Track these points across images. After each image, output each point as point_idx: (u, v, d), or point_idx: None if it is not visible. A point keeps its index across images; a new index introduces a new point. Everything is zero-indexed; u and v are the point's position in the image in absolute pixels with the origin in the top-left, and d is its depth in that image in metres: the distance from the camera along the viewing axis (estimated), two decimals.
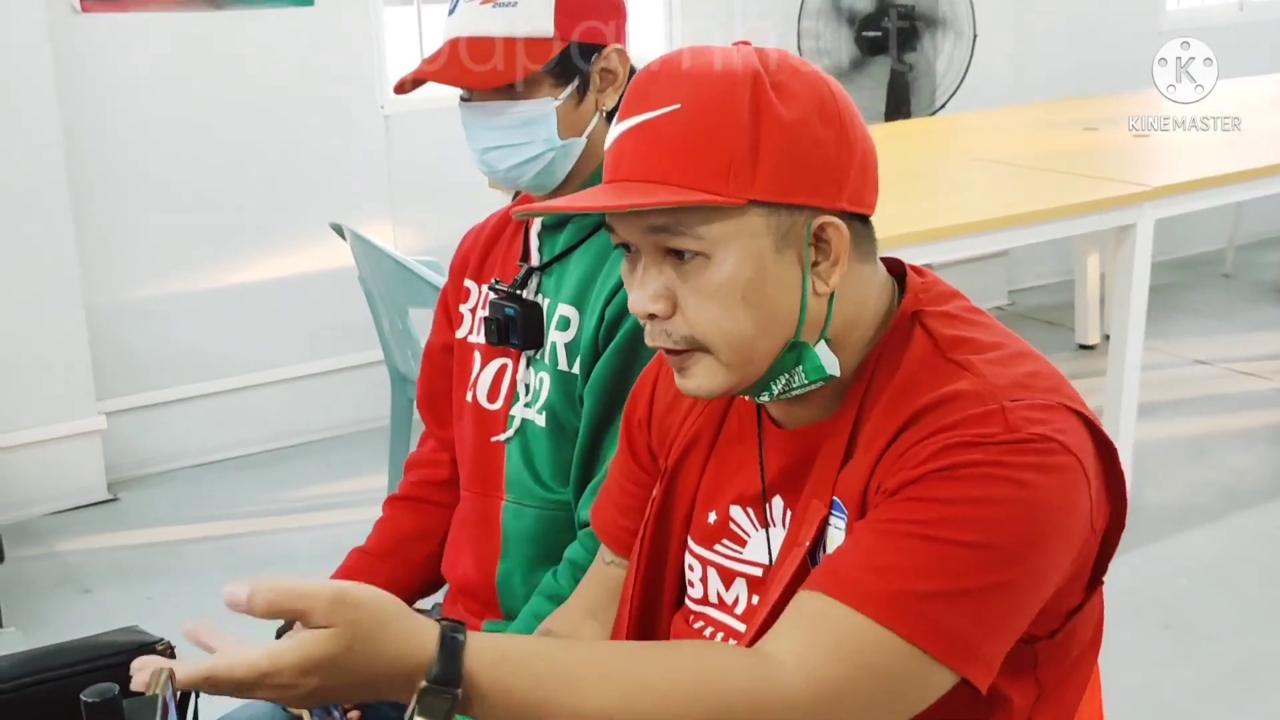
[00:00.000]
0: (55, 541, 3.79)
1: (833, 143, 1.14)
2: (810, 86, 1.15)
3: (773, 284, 1.14)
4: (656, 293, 1.16)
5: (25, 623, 3.23)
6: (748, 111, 1.11)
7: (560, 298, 1.71)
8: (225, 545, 3.79)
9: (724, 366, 1.16)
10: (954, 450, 1.08)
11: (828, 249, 1.15)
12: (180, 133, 4.09)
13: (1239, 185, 3.94)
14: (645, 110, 1.14)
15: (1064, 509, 1.10)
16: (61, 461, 3.97)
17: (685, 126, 1.12)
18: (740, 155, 1.11)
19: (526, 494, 1.75)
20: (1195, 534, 3.71)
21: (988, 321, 1.23)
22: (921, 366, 1.16)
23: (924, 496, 1.08)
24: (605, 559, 1.47)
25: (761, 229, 1.12)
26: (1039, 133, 4.67)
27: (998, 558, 1.07)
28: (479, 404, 1.80)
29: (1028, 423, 1.09)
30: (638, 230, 1.15)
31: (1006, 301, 5.79)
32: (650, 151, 1.13)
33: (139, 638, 1.52)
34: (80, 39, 3.90)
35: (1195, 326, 5.47)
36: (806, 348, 1.17)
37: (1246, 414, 4.57)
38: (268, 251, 4.31)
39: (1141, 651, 3.06)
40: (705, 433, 1.34)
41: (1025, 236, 3.69)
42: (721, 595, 1.33)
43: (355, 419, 4.41)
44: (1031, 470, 1.08)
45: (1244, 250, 6.33)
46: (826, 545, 1.18)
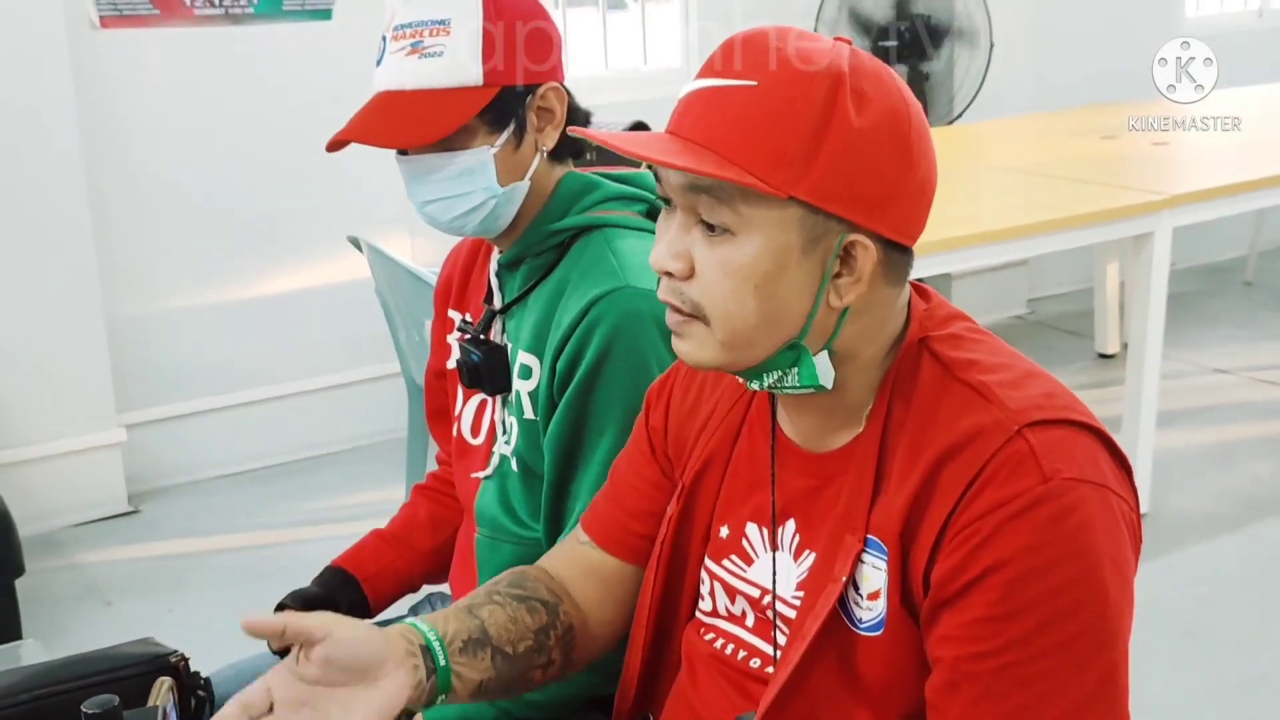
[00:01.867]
0: (76, 553, 3.81)
1: (892, 164, 1.13)
2: (890, 103, 1.13)
3: (788, 283, 1.13)
4: (678, 252, 1.16)
5: (46, 634, 3.24)
6: (819, 109, 1.10)
7: (520, 344, 1.68)
8: (245, 557, 3.79)
9: (718, 343, 1.16)
10: (1003, 536, 1.09)
11: (853, 265, 1.14)
12: (198, 147, 4.11)
13: (1257, 193, 3.93)
14: (725, 76, 1.13)
15: (1119, 552, 1.11)
16: (82, 474, 3.99)
17: (755, 105, 1.11)
18: (797, 150, 1.09)
19: (500, 530, 1.73)
20: (1217, 543, 3.69)
21: (993, 341, 1.23)
22: (936, 392, 1.17)
23: (1000, 614, 1.09)
24: (580, 539, 1.47)
25: (795, 226, 1.12)
26: (1057, 141, 4.66)
27: (1098, 626, 1.09)
28: (463, 437, 1.80)
29: (1058, 466, 1.10)
30: (679, 187, 1.15)
31: (1026, 310, 5.77)
32: (715, 118, 1.12)
33: (154, 650, 1.53)
34: (100, 55, 3.92)
35: (1216, 334, 5.45)
36: (805, 353, 1.16)
37: (1268, 422, 4.55)
38: (285, 264, 4.33)
39: (1163, 660, 3.04)
40: (721, 450, 1.34)
41: (1044, 245, 3.69)
42: (729, 609, 1.33)
43: (373, 430, 4.42)
44: (1081, 533, 1.09)
45: (1265, 257, 6.30)
46: (859, 583, 1.18)
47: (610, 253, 1.61)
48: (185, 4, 3.99)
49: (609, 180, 1.70)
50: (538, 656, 1.36)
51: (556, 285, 1.64)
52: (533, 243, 1.66)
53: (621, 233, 1.64)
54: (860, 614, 1.19)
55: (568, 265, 1.64)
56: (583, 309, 1.56)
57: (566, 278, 1.63)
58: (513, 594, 1.37)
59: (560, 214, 1.66)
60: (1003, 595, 1.09)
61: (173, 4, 3.97)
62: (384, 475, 4.13)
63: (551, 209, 1.66)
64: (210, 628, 3.33)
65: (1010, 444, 1.11)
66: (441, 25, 1.57)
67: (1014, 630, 1.09)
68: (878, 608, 1.18)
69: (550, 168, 1.67)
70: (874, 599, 1.18)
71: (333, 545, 3.78)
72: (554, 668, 1.38)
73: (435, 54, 1.56)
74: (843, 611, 1.19)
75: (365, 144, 1.58)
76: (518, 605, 1.36)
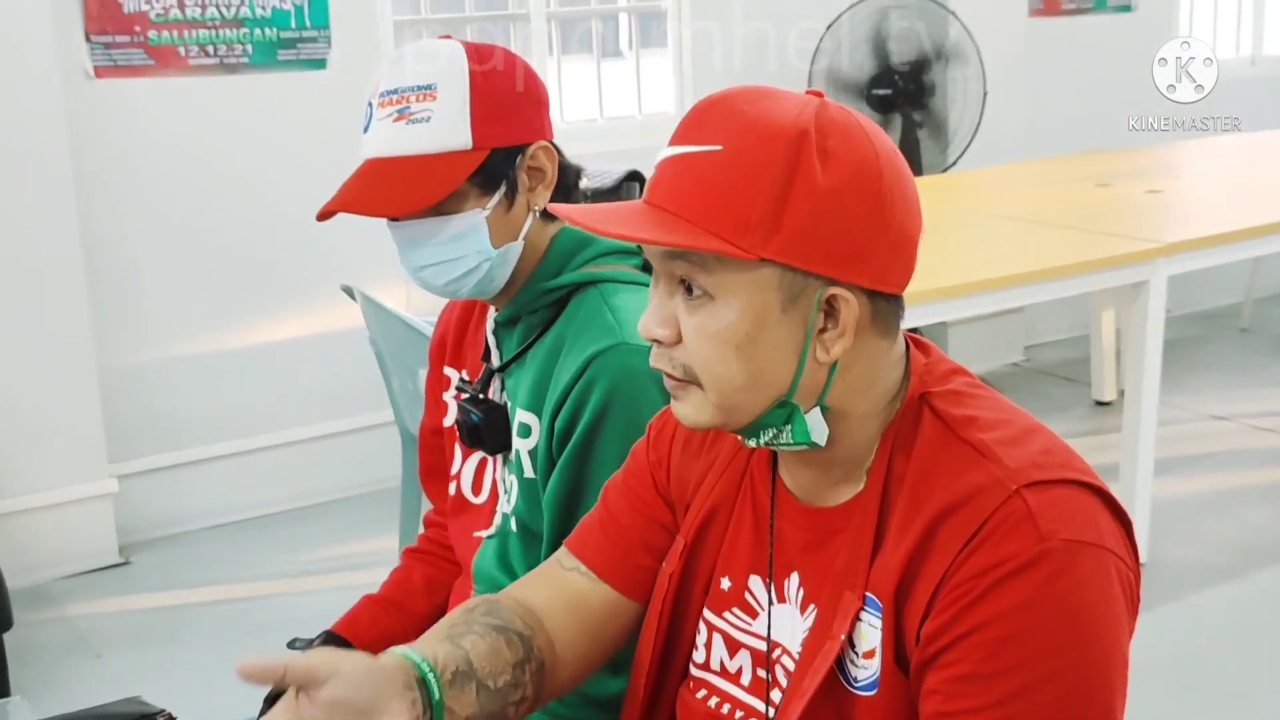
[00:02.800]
0: (66, 605, 3.78)
1: (863, 218, 1.11)
2: (858, 157, 1.12)
3: (770, 342, 1.13)
4: (664, 319, 1.17)
5: (35, 689, 3.21)
6: (782, 170, 1.09)
7: (519, 402, 1.66)
8: (238, 608, 3.76)
9: (712, 406, 1.17)
10: (996, 595, 1.08)
11: (836, 318, 1.13)
12: (193, 196, 4.11)
13: (1252, 241, 3.93)
14: (693, 141, 1.14)
15: (1113, 614, 1.11)
16: (73, 525, 3.96)
17: (720, 170, 1.11)
18: (763, 212, 1.09)
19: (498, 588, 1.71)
20: (1215, 591, 3.67)
21: (993, 397, 1.22)
22: (936, 448, 1.16)
23: (986, 671, 1.08)
24: (566, 564, 1.42)
25: (772, 286, 1.11)
26: (1052, 189, 4.67)
27: (1085, 692, 1.08)
28: (463, 495, 1.79)
29: (1055, 526, 1.09)
30: (658, 255, 1.16)
31: (1022, 358, 5.77)
32: (683, 185, 1.13)
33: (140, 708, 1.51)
34: (94, 105, 3.93)
35: (1213, 381, 5.44)
36: (796, 411, 1.16)
37: (1266, 470, 4.53)
38: (279, 314, 4.32)
39: (1163, 711, 3.02)
40: (725, 501, 1.33)
41: (1039, 294, 3.69)
42: (725, 663, 1.31)
43: (366, 480, 4.39)
44: (1074, 595, 1.08)
45: (1262, 304, 6.31)
46: (857, 641, 1.17)
47: (606, 309, 1.60)
48: (180, 54, 4.00)
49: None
50: (514, 692, 1.31)
51: (554, 342, 1.63)
52: (529, 301, 1.65)
53: (617, 288, 1.63)
54: (856, 673, 1.17)
55: (564, 322, 1.63)
56: (580, 367, 1.55)
57: (564, 334, 1.62)
58: (490, 624, 1.33)
59: (555, 271, 1.65)
60: (991, 653, 1.08)
61: (168, 54, 3.99)
62: (378, 525, 4.11)
63: (546, 267, 1.65)
64: (201, 681, 3.31)
65: (1008, 503, 1.10)
66: (428, 90, 1.56)
67: (1000, 689, 1.08)
68: (872, 666, 1.16)
69: (543, 226, 1.65)
70: (869, 658, 1.17)
71: (327, 596, 3.78)
72: (526, 704, 1.34)
73: (423, 119, 1.55)
74: (839, 671, 1.18)
75: (356, 214, 1.57)
76: (496, 636, 1.31)
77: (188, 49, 4.01)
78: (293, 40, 4.16)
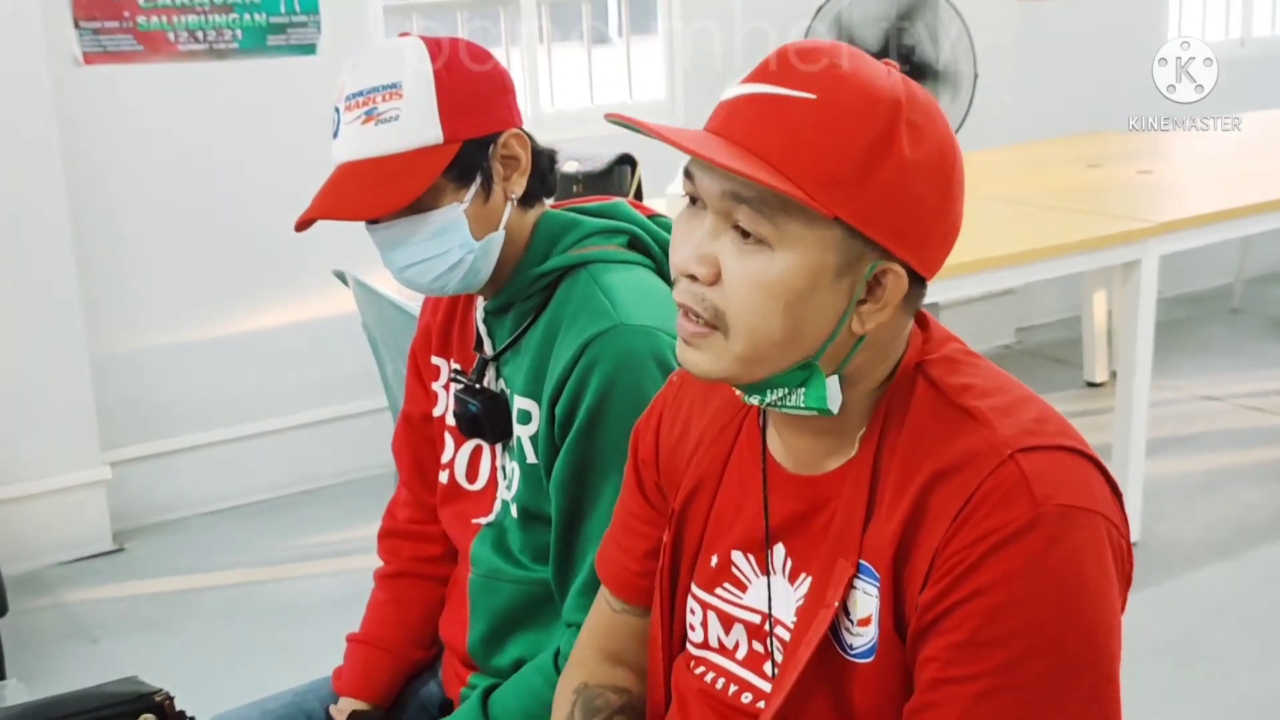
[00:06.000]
0: (61, 592, 3.78)
1: (934, 202, 1.11)
2: (940, 139, 1.12)
3: (817, 304, 1.11)
4: (705, 255, 1.12)
5: (30, 674, 3.20)
6: (877, 134, 1.08)
7: (517, 388, 1.66)
8: (232, 594, 3.77)
9: (733, 356, 1.13)
10: (991, 562, 1.07)
11: (880, 294, 1.12)
12: (183, 183, 4.11)
13: (1244, 220, 3.93)
14: (783, 84, 1.10)
15: (1106, 579, 1.10)
16: (67, 512, 3.96)
17: (812, 119, 1.08)
18: (849, 171, 1.07)
19: (497, 572, 1.71)
20: (1207, 570, 3.68)
21: (986, 366, 1.22)
22: (930, 415, 1.15)
23: (983, 639, 1.08)
24: (615, 607, 1.45)
25: (834, 247, 1.09)
26: (1042, 171, 4.68)
27: (1082, 657, 1.08)
28: (456, 483, 1.78)
29: (1050, 491, 1.08)
30: (717, 190, 1.11)
31: (1014, 339, 5.78)
32: (768, 125, 1.09)
33: (138, 688, 1.51)
34: (84, 92, 3.92)
35: (1204, 362, 5.45)
36: (818, 374, 1.14)
37: (1257, 449, 4.55)
38: (271, 299, 4.32)
39: (1156, 690, 3.03)
40: (710, 474, 1.32)
41: (1031, 274, 3.70)
42: (722, 640, 1.31)
43: (360, 465, 4.40)
44: (1072, 558, 1.08)
45: (1252, 284, 6.32)
46: (851, 609, 1.17)
47: (599, 290, 1.59)
48: (170, 40, 3.99)
49: (586, 215, 1.69)
50: None
51: (548, 327, 1.63)
52: (519, 288, 1.65)
53: (607, 267, 1.63)
54: (851, 640, 1.17)
55: (557, 306, 1.63)
56: (577, 351, 1.55)
57: (557, 318, 1.62)
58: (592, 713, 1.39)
59: (542, 256, 1.64)
60: (987, 620, 1.08)
61: (157, 40, 3.98)
62: (372, 510, 4.07)
63: (533, 253, 1.65)
64: (197, 666, 3.32)
65: (1002, 468, 1.09)
66: (393, 89, 1.55)
67: (997, 656, 1.08)
68: (868, 634, 1.16)
69: (523, 213, 1.65)
70: (864, 625, 1.16)
71: (320, 581, 3.79)
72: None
73: (391, 119, 1.54)
74: (834, 638, 1.18)
75: (334, 219, 1.55)
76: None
77: (177, 34, 4.01)
78: (282, 25, 4.15)
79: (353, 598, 1.90)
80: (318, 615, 3.57)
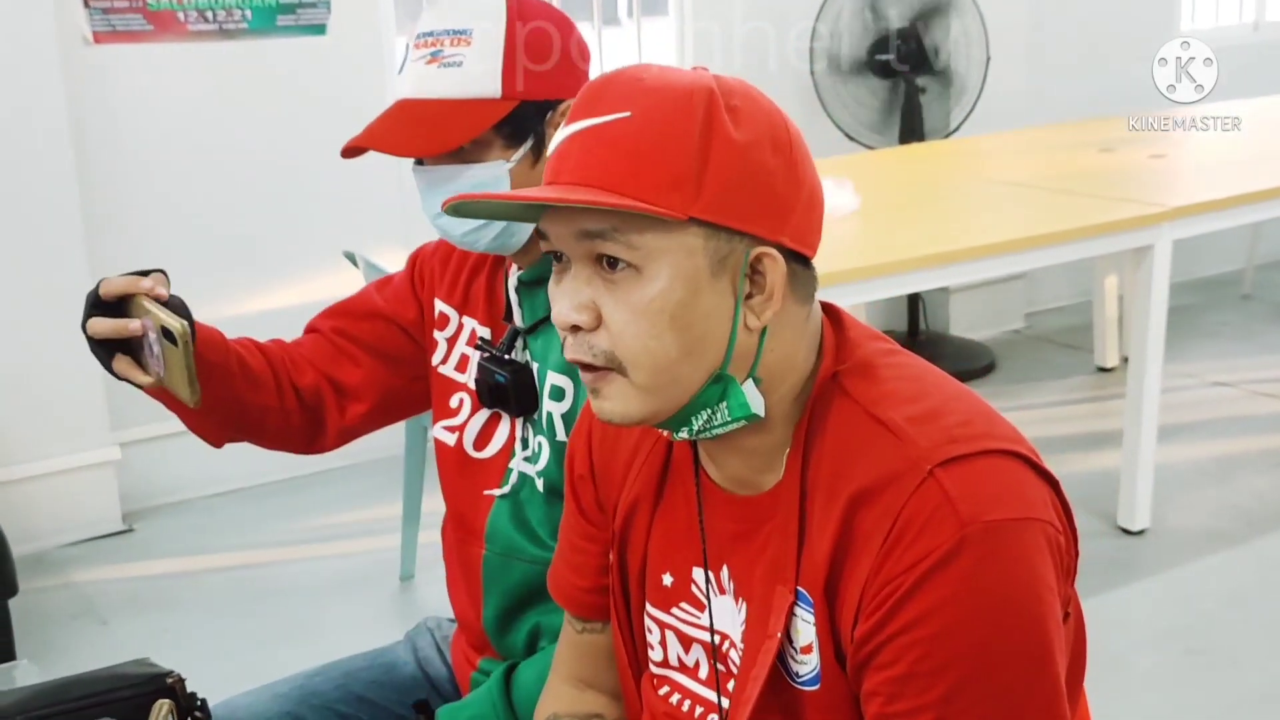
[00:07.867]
0: (71, 573, 3.78)
1: (781, 173, 1.10)
2: (764, 114, 1.11)
3: (703, 309, 1.09)
4: (582, 303, 1.10)
5: (41, 655, 3.22)
6: (699, 127, 1.07)
7: (549, 364, 1.64)
8: (241, 575, 3.78)
9: (639, 391, 1.10)
10: (924, 590, 1.04)
11: (762, 282, 1.10)
12: (193, 162, 4.10)
13: (1257, 205, 3.91)
14: (597, 114, 1.09)
15: (1044, 584, 1.07)
16: (76, 492, 3.97)
17: (634, 134, 1.07)
18: (687, 169, 1.06)
19: (515, 549, 1.69)
20: (1217, 558, 3.67)
21: (911, 365, 1.18)
22: (849, 430, 1.12)
23: (923, 670, 1.05)
24: (577, 628, 1.43)
25: (699, 249, 1.08)
26: (1054, 154, 4.66)
27: (1026, 674, 1.06)
28: (463, 449, 1.75)
29: (974, 509, 1.05)
30: (570, 235, 1.09)
31: (1024, 324, 5.76)
32: (595, 156, 1.08)
33: (150, 670, 1.50)
34: (93, 71, 3.91)
35: (1215, 348, 5.44)
36: (733, 382, 1.12)
37: (1268, 436, 4.54)
38: (281, 280, 4.31)
39: (1165, 678, 3.02)
40: (646, 493, 1.29)
41: (1042, 259, 3.68)
42: (683, 659, 1.29)
43: (369, 447, 4.31)
44: (1004, 577, 1.05)
45: (1263, 270, 6.31)
46: (794, 636, 1.15)
47: None
48: (179, 19, 3.98)
49: None
50: None
51: None
52: None
53: None
54: (797, 668, 1.16)
55: None
56: None
57: None
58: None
59: None
60: (926, 651, 1.05)
61: (166, 19, 3.97)
62: (380, 492, 4.12)
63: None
64: (206, 646, 3.33)
65: (923, 488, 1.06)
66: (462, 35, 1.55)
67: (940, 686, 1.05)
68: (811, 661, 1.14)
69: None
70: (807, 653, 1.15)
71: (328, 563, 3.79)
72: None
73: (454, 64, 1.54)
74: (782, 666, 1.16)
75: (380, 151, 1.56)
76: None
77: (187, 14, 3.99)
78: (292, 6, 4.14)
79: (361, 580, 1.90)
80: (327, 596, 3.57)
